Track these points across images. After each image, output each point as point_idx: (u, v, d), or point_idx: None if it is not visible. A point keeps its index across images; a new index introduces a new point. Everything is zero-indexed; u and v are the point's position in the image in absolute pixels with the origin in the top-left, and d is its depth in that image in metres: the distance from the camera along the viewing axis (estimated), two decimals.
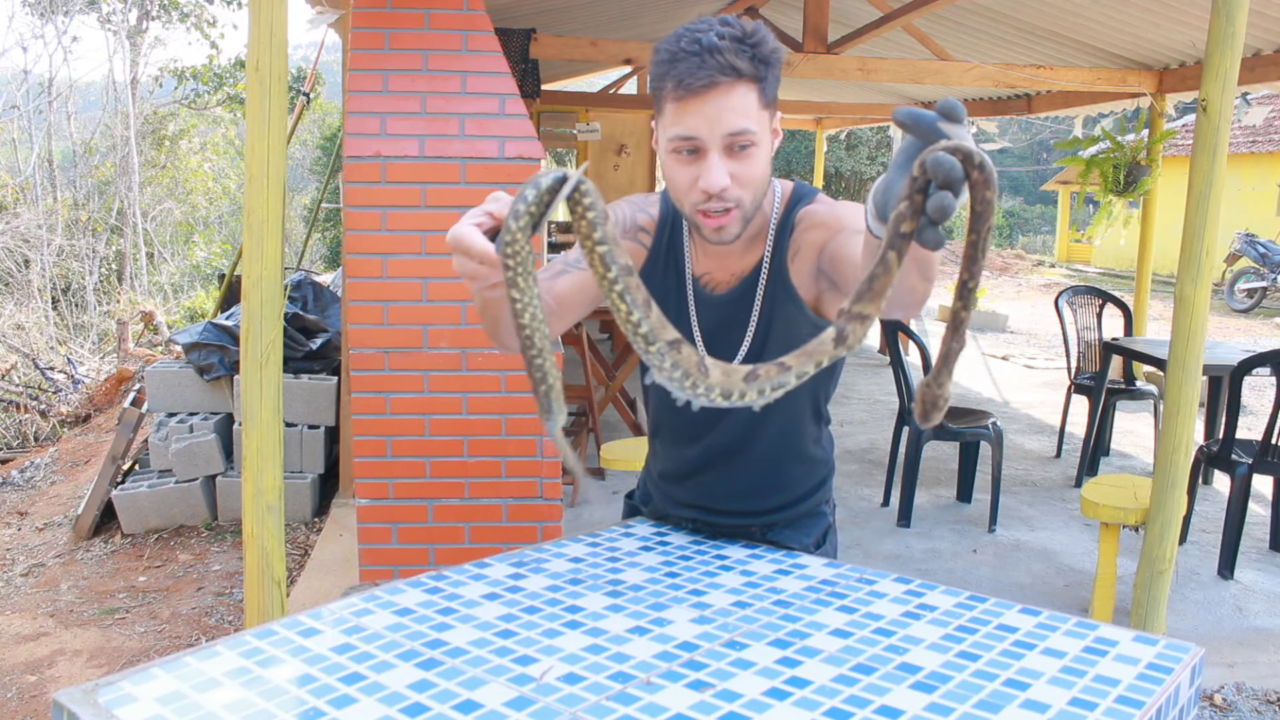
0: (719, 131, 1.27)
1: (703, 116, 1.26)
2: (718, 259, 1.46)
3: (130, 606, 3.68)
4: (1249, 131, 16.48)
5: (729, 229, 1.34)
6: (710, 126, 1.26)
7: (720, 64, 1.24)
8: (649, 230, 1.50)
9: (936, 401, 0.93)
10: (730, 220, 1.33)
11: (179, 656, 1.10)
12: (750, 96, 1.27)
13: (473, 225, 1.03)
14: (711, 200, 1.30)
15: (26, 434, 6.96)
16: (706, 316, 1.47)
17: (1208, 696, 2.98)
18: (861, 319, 0.87)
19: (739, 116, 1.26)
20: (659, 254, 1.49)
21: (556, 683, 1.07)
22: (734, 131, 1.27)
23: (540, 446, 2.97)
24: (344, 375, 4.32)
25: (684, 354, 0.90)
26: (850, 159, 21.76)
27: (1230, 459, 3.82)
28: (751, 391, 0.90)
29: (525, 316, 0.93)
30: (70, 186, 13.75)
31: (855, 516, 4.46)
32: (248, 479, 2.24)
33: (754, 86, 1.27)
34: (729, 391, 0.90)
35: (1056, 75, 6.02)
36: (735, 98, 1.26)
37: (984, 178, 0.81)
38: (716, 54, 1.23)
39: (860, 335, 0.87)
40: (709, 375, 0.90)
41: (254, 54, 2.15)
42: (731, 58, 1.24)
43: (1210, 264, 2.84)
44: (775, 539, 1.56)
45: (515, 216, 0.90)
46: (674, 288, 1.49)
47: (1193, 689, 1.15)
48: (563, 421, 0.96)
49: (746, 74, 1.25)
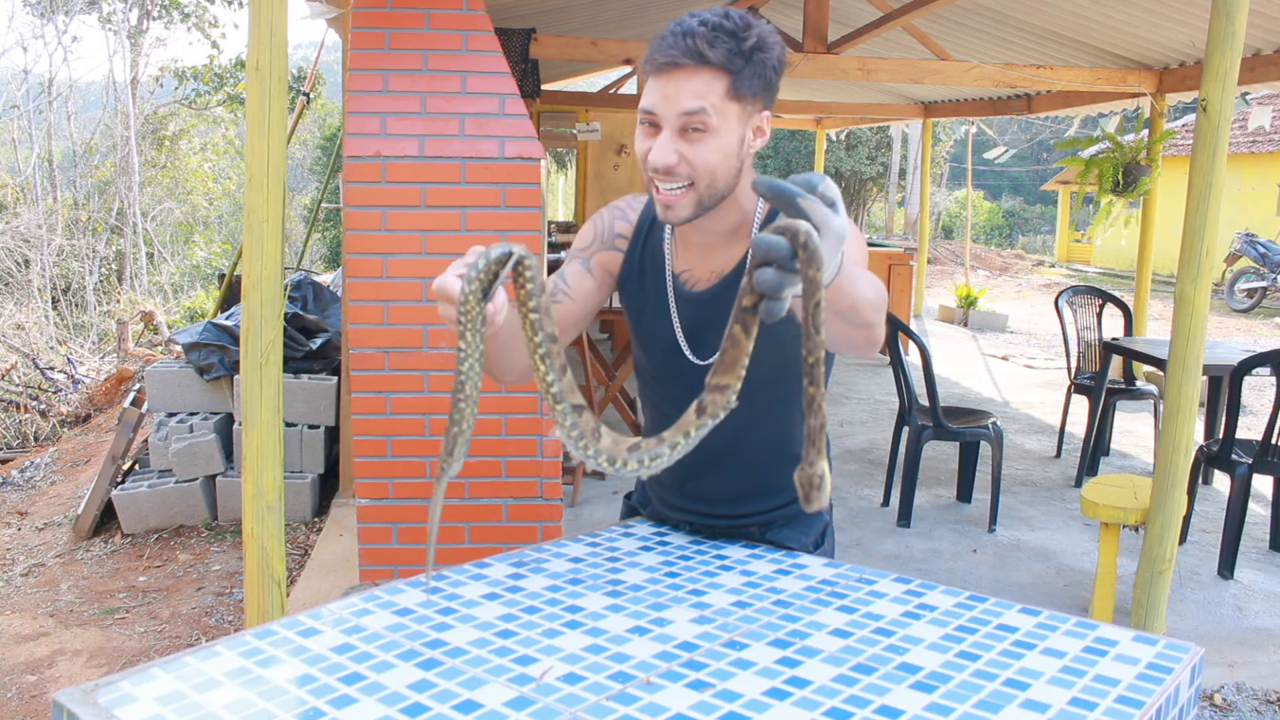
0: (673, 110, 1.30)
1: (662, 94, 1.30)
2: (699, 255, 1.47)
3: (130, 606, 3.68)
4: (1250, 131, 16.48)
5: (677, 209, 1.35)
6: (666, 104, 1.30)
7: (688, 47, 1.27)
8: (626, 236, 1.55)
9: (812, 481, 0.96)
10: (679, 202, 1.34)
11: (179, 656, 1.10)
12: (716, 84, 1.29)
13: (455, 276, 1.09)
14: (659, 175, 1.33)
15: (26, 434, 6.96)
16: (687, 313, 1.48)
17: (1208, 696, 2.98)
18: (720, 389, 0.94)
19: (693, 98, 1.29)
20: (634, 255, 1.53)
21: (556, 683, 1.07)
22: (686, 111, 1.29)
23: (540, 447, 2.97)
24: (344, 375, 4.33)
25: (584, 419, 1.00)
26: (850, 159, 21.76)
27: (1230, 459, 3.82)
28: (632, 461, 0.98)
29: (464, 365, 1.03)
30: (70, 186, 13.75)
31: (855, 516, 4.46)
32: (248, 479, 2.24)
33: (722, 75, 1.29)
34: (614, 459, 0.99)
35: (1056, 75, 6.03)
36: (697, 82, 1.28)
37: (807, 256, 0.85)
38: (689, 37, 1.27)
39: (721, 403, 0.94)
40: (599, 440, 0.99)
41: (254, 54, 2.15)
42: (702, 44, 1.27)
43: (1210, 264, 2.84)
44: (775, 538, 1.56)
45: (468, 281, 1.01)
46: (652, 286, 1.51)
47: (1193, 689, 1.15)
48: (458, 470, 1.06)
49: (715, 62, 1.28)
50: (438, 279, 1.11)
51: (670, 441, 0.98)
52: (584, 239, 1.58)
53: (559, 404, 1.00)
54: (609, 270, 1.55)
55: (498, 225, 2.87)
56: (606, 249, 1.55)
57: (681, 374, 1.49)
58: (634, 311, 1.55)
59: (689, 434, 0.97)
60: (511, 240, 1.03)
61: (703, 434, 0.97)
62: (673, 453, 0.98)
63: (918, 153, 18.30)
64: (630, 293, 1.54)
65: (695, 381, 1.47)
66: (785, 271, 0.87)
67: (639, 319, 1.54)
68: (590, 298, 1.54)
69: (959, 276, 14.31)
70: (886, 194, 23.65)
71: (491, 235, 2.87)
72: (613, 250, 1.55)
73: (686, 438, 0.97)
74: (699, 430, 0.96)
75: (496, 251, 1.01)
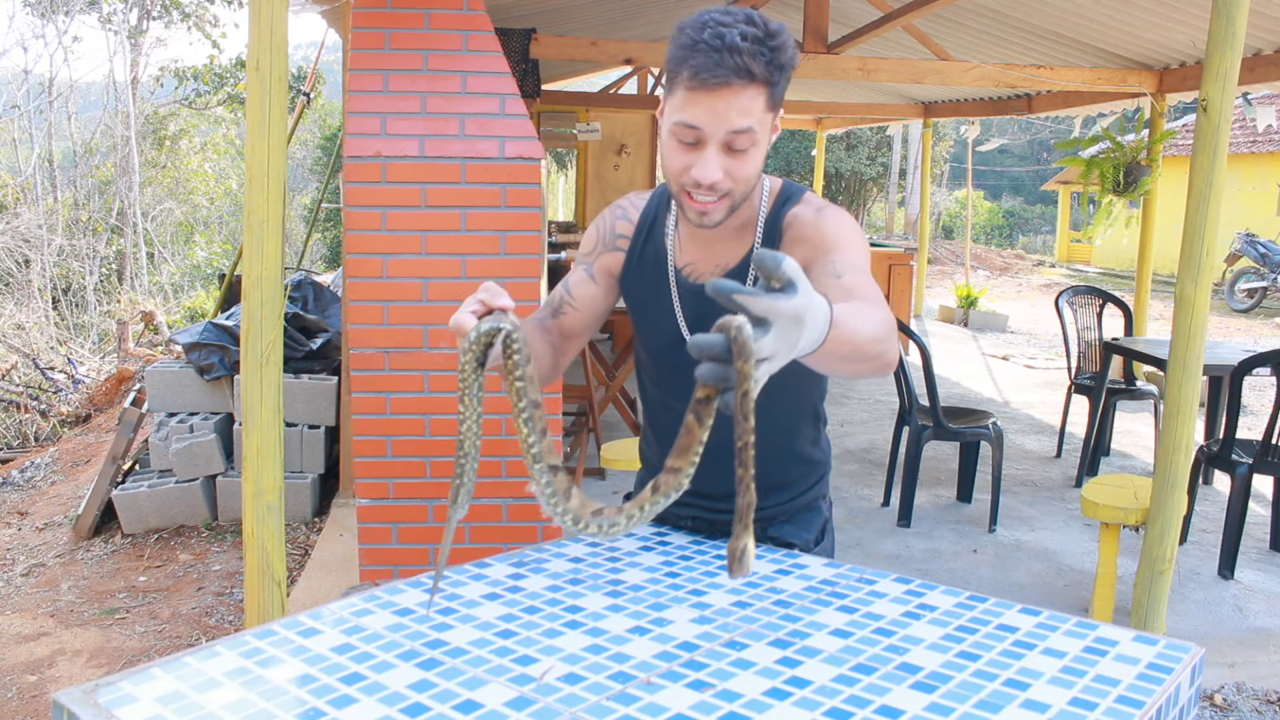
0: (722, 128, 1.29)
1: (710, 111, 1.28)
2: (703, 248, 1.48)
3: (130, 606, 3.68)
4: (1251, 131, 16.48)
5: (713, 215, 1.37)
6: (715, 122, 1.29)
7: (737, 65, 1.25)
8: (627, 235, 1.56)
9: (735, 553, 1.02)
10: (717, 208, 1.36)
11: (179, 656, 1.10)
12: (759, 99, 1.29)
13: (470, 313, 1.16)
14: (701, 188, 1.33)
15: (27, 434, 6.97)
16: (690, 304, 1.50)
17: (1208, 696, 2.98)
18: (673, 471, 1.00)
19: (743, 116, 1.29)
20: (636, 252, 1.55)
21: (557, 683, 1.07)
22: (737, 130, 1.29)
23: None
24: (344, 375, 4.32)
25: (558, 478, 1.06)
26: (850, 159, 21.76)
27: (1230, 459, 3.82)
28: (593, 525, 1.06)
29: (462, 426, 1.13)
30: (71, 186, 13.76)
31: (855, 516, 4.46)
32: (248, 479, 2.24)
33: (764, 90, 1.29)
34: (578, 519, 1.06)
35: (1056, 75, 6.02)
36: (744, 99, 1.28)
37: (736, 349, 0.91)
38: (736, 54, 1.25)
39: (674, 484, 1.01)
40: (569, 500, 1.06)
41: (254, 54, 2.15)
42: (749, 60, 1.26)
43: (1210, 264, 2.84)
44: (776, 534, 1.57)
45: (462, 353, 1.10)
46: (654, 280, 1.52)
47: (1193, 689, 1.15)
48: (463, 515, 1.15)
49: (760, 77, 1.27)
50: (454, 316, 1.17)
51: (627, 513, 1.05)
52: (588, 243, 1.60)
53: (537, 464, 1.07)
54: (612, 272, 1.57)
55: (498, 225, 2.87)
56: (609, 250, 1.57)
57: (683, 367, 1.49)
58: (636, 305, 1.56)
59: (644, 508, 1.04)
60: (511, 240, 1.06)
61: (657, 510, 1.03)
62: (628, 523, 1.05)
63: (918, 153, 18.30)
64: (632, 288, 1.56)
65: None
66: (724, 364, 0.92)
67: (641, 312, 1.56)
68: (596, 303, 1.56)
69: (959, 276, 14.31)
70: (887, 194, 23.65)
71: (492, 235, 2.87)
72: (615, 251, 1.57)
73: (641, 511, 1.04)
74: (653, 507, 1.03)
75: (486, 325, 1.08)
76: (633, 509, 1.05)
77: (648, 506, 1.03)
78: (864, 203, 23.36)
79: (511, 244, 2.88)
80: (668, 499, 1.02)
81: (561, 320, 1.55)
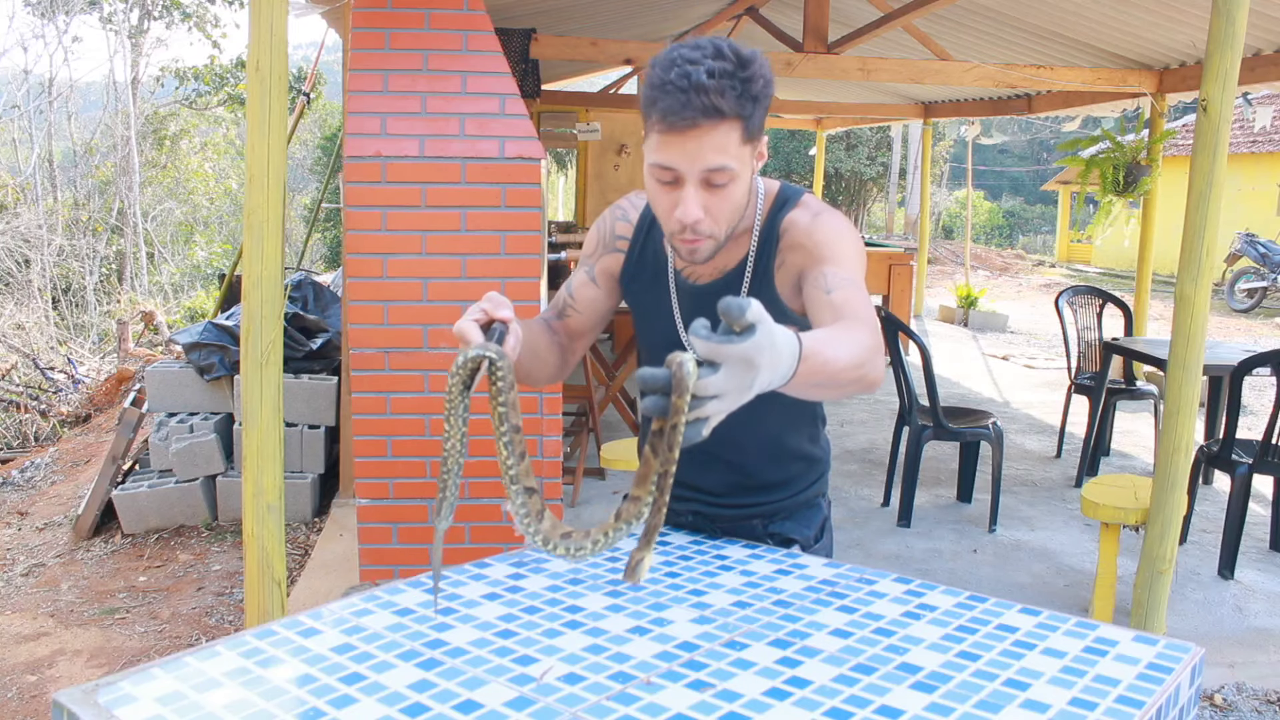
0: (697, 168, 1.29)
1: (683, 152, 1.28)
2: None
3: (130, 606, 3.68)
4: (1251, 131, 16.48)
5: (701, 252, 1.38)
6: (689, 162, 1.29)
7: (704, 105, 1.23)
8: (626, 236, 1.57)
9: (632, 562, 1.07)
10: (702, 245, 1.37)
11: (179, 656, 1.10)
12: (732, 134, 1.27)
13: (473, 321, 1.19)
14: (685, 230, 1.34)
15: (27, 434, 6.97)
16: (688, 305, 1.51)
17: (1208, 696, 2.98)
18: (634, 500, 1.04)
19: (717, 154, 1.28)
20: (635, 252, 1.56)
21: (557, 683, 1.07)
22: (712, 169, 1.29)
23: (540, 446, 2.97)
24: (344, 375, 4.33)
25: (533, 500, 1.12)
26: (850, 159, 21.76)
27: (1230, 459, 3.82)
28: (561, 547, 1.11)
29: (447, 444, 1.16)
30: (71, 186, 13.76)
31: (855, 516, 4.46)
32: (248, 479, 2.24)
33: (737, 124, 1.27)
34: (548, 540, 1.11)
35: (1056, 75, 6.02)
36: (716, 136, 1.26)
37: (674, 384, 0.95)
38: (703, 94, 1.23)
39: (634, 512, 1.04)
40: (541, 522, 1.12)
41: (254, 54, 2.15)
42: (716, 99, 1.24)
43: (1210, 264, 2.84)
44: (776, 530, 1.59)
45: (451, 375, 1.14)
46: (652, 281, 1.54)
47: (1193, 689, 1.15)
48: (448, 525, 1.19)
49: (729, 113, 1.25)
50: (457, 324, 1.20)
51: (593, 538, 1.10)
52: (589, 245, 1.62)
53: (514, 485, 1.12)
54: (612, 274, 1.59)
55: (498, 225, 2.87)
56: (609, 252, 1.59)
57: None
58: (636, 305, 1.58)
59: (607, 534, 1.08)
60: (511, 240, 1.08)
61: (620, 537, 1.08)
62: (593, 547, 1.10)
63: (918, 152, 18.30)
64: (632, 288, 1.58)
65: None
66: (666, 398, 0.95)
67: (641, 313, 1.58)
68: (598, 305, 1.59)
69: (959, 276, 14.31)
70: (886, 194, 23.65)
71: (492, 235, 2.87)
72: (614, 253, 1.58)
73: (605, 537, 1.09)
74: (616, 533, 1.08)
75: (473, 352, 1.12)
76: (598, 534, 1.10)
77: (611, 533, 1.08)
78: (864, 203, 23.36)
79: (511, 244, 2.88)
80: (629, 526, 1.06)
81: (566, 322, 1.59)
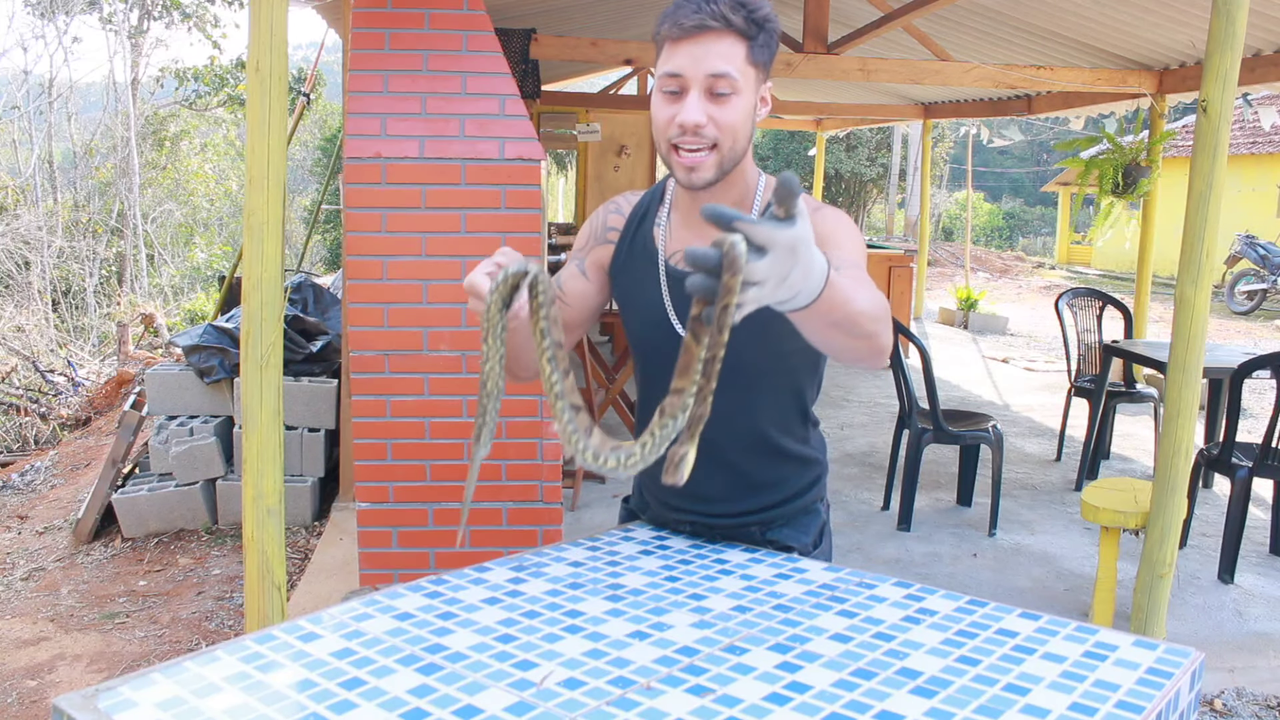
0: (701, 71, 1.34)
1: (689, 56, 1.34)
2: (695, 234, 1.49)
3: (130, 611, 3.68)
4: (1249, 132, 16.48)
5: (702, 171, 1.39)
6: (694, 65, 1.34)
7: (712, 11, 1.33)
8: (617, 228, 1.59)
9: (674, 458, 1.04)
10: (703, 162, 1.38)
11: (179, 661, 1.10)
12: (737, 48, 1.35)
13: (485, 275, 1.21)
14: (686, 135, 1.36)
15: (27, 437, 6.96)
16: (680, 293, 1.50)
17: (1208, 701, 2.98)
18: (677, 392, 1.01)
19: (722, 60, 1.34)
20: (626, 242, 1.57)
21: (557, 688, 1.07)
22: (716, 73, 1.34)
23: (540, 450, 2.97)
24: (344, 378, 4.32)
25: (580, 417, 1.10)
26: (850, 160, 21.76)
27: (1230, 462, 3.82)
28: (611, 459, 1.07)
29: (486, 365, 1.18)
30: (71, 188, 13.76)
31: (855, 520, 4.46)
32: (248, 482, 2.24)
33: (742, 41, 1.35)
34: (598, 454, 1.07)
35: (1056, 75, 6.03)
36: (722, 44, 1.34)
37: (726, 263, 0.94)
38: (712, 2, 1.33)
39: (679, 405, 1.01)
40: (590, 437, 1.08)
41: (254, 54, 2.15)
42: (724, 9, 1.33)
43: (1210, 266, 2.84)
44: (774, 537, 1.57)
45: (490, 292, 1.15)
46: (641, 266, 1.54)
47: (1193, 694, 1.15)
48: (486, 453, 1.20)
49: (736, 26, 1.34)
50: (468, 277, 1.22)
51: (641, 442, 1.06)
52: (581, 238, 1.63)
53: (559, 400, 1.10)
54: (602, 266, 1.59)
55: (498, 227, 2.87)
56: (600, 244, 1.60)
57: (668, 351, 1.50)
58: (622, 291, 1.58)
59: (654, 434, 1.04)
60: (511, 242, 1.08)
61: (668, 434, 1.03)
62: (644, 451, 1.05)
63: (918, 154, 18.31)
64: (620, 275, 1.57)
65: None
66: (714, 278, 0.95)
67: (627, 298, 1.57)
68: (588, 300, 1.59)
69: (959, 278, 14.31)
70: (886, 195, 23.65)
71: (492, 237, 2.87)
72: (605, 244, 1.59)
73: (653, 438, 1.04)
74: (663, 430, 1.03)
75: (515, 267, 1.14)
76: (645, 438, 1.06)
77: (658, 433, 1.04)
78: (864, 204, 23.37)
79: (511, 245, 2.88)
80: (675, 421, 1.02)
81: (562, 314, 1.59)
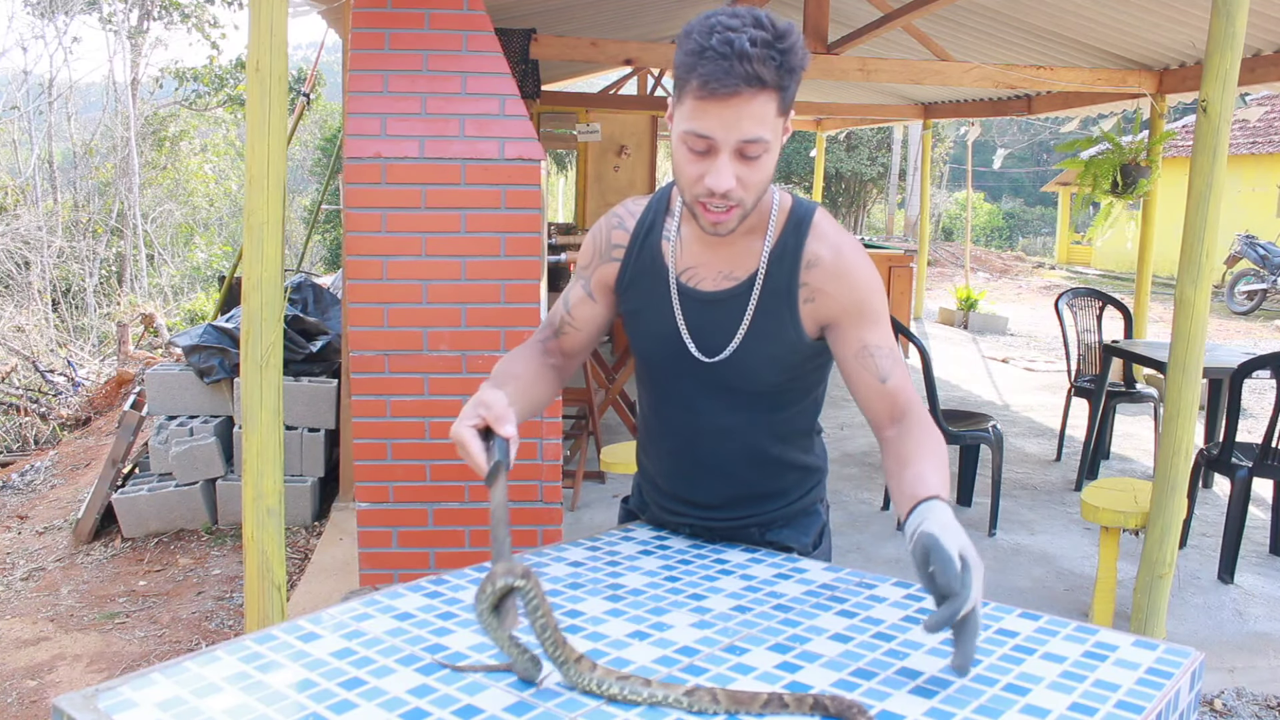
0: (734, 137, 1.27)
1: (720, 121, 1.26)
2: (707, 251, 1.46)
3: (130, 611, 3.68)
4: (1249, 132, 16.48)
5: (727, 224, 1.36)
6: (726, 131, 1.27)
7: (746, 73, 1.22)
8: (622, 245, 1.54)
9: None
10: (730, 217, 1.35)
11: (179, 661, 1.10)
12: (770, 105, 1.27)
13: (470, 427, 1.24)
14: (714, 198, 1.32)
15: (27, 437, 6.96)
16: (692, 310, 1.47)
17: (1208, 701, 2.98)
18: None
19: (755, 125, 1.26)
20: (631, 259, 1.52)
21: (556, 688, 1.07)
22: (748, 139, 1.27)
23: (540, 450, 2.97)
24: (344, 378, 4.32)
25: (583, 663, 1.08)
26: (850, 160, 21.75)
27: (1230, 462, 3.82)
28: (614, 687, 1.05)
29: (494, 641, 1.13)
30: (70, 188, 13.76)
31: (855, 520, 4.46)
32: (248, 482, 2.24)
33: (775, 95, 1.26)
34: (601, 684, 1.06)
35: (1056, 75, 6.02)
36: (755, 106, 1.25)
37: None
38: (745, 61, 1.22)
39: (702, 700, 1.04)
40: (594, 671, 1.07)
41: (254, 54, 2.15)
42: (759, 67, 1.23)
43: (1210, 266, 2.84)
44: (774, 539, 1.57)
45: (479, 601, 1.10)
46: (651, 285, 1.50)
47: (1193, 694, 1.15)
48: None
49: (770, 83, 1.25)
50: (453, 428, 1.24)
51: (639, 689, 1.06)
52: (585, 254, 1.58)
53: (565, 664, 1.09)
54: (608, 285, 1.55)
55: (498, 227, 2.87)
56: (605, 262, 1.55)
57: (685, 373, 1.48)
58: (631, 312, 1.54)
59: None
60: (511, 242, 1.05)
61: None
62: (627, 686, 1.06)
63: (917, 154, 18.31)
64: (628, 294, 1.53)
65: (701, 379, 1.47)
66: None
67: (635, 319, 1.53)
68: (596, 321, 1.58)
69: (959, 278, 14.31)
70: (886, 195, 23.65)
71: (492, 237, 2.86)
72: (610, 262, 1.54)
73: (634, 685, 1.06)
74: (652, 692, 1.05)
75: (501, 581, 1.09)
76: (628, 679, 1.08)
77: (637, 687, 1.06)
78: (864, 204, 23.36)
79: (511, 246, 2.88)
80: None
81: (562, 340, 1.59)
